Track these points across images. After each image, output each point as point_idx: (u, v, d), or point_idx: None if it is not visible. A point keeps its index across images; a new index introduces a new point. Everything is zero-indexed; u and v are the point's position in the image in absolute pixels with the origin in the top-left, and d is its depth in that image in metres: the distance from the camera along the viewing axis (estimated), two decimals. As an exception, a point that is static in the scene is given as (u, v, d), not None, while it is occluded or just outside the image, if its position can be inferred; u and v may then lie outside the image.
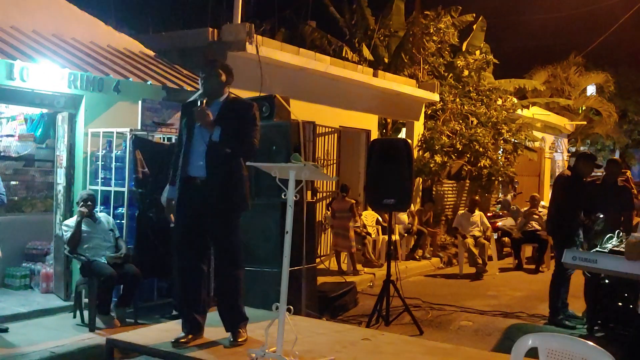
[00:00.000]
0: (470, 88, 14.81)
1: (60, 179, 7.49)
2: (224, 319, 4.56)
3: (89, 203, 6.73)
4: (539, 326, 7.31)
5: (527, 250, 12.25)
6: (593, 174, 7.82)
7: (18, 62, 6.38)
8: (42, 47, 6.84)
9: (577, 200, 7.21)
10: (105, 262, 6.52)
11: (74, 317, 6.62)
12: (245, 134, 4.45)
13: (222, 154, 4.36)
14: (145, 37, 9.34)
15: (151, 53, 8.49)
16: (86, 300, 6.57)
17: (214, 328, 4.59)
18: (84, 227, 6.65)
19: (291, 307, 3.92)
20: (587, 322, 6.81)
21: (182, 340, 4.38)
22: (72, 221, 6.75)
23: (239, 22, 9.44)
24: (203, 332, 4.54)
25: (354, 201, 10.26)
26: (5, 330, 6.08)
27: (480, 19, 16.54)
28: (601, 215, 7.38)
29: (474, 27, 16.54)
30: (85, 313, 6.48)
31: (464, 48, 16.26)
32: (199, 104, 4.44)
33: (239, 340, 4.40)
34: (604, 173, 7.99)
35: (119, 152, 7.24)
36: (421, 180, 13.27)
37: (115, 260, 6.56)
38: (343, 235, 9.96)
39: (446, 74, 15.11)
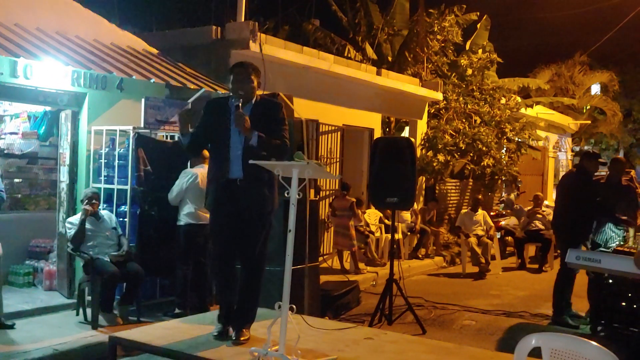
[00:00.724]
0: (474, 87, 14.79)
1: (64, 176, 7.50)
2: (236, 317, 4.59)
3: (94, 201, 6.73)
4: (542, 326, 7.30)
5: (530, 250, 12.22)
6: (597, 173, 7.80)
7: (21, 59, 6.38)
8: (46, 45, 6.84)
9: (585, 198, 7.18)
10: (108, 260, 6.52)
11: (77, 314, 6.62)
12: (278, 135, 4.52)
13: (257, 156, 4.38)
14: (148, 35, 9.35)
15: (155, 51, 8.49)
16: (89, 298, 6.57)
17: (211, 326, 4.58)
18: (87, 225, 6.65)
19: (294, 306, 3.91)
20: (590, 322, 6.79)
21: (224, 332, 4.49)
22: (75, 219, 6.75)
23: (243, 20, 9.43)
24: None
25: (354, 199, 10.25)
26: (12, 327, 6.09)
27: (485, 17, 16.52)
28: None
29: (478, 26, 16.52)
30: (88, 311, 6.48)
31: (467, 47, 16.23)
32: (233, 107, 4.45)
33: (241, 339, 4.41)
34: (608, 172, 7.97)
35: (121, 150, 7.24)
36: (424, 179, 13.25)
37: (118, 258, 6.56)
38: (344, 234, 9.95)
39: (449, 73, 15.09)
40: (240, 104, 4.40)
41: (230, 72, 4.60)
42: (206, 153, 7.17)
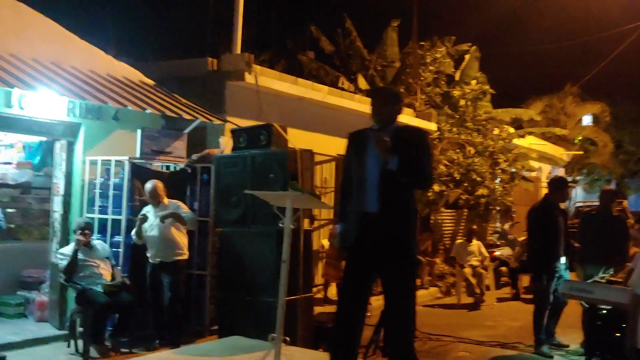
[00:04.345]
0: (467, 118, 14.89)
1: (57, 206, 7.48)
2: None
3: (87, 231, 6.70)
4: (529, 355, 7.28)
5: (525, 280, 12.15)
6: (589, 203, 7.83)
7: (16, 89, 6.40)
8: (41, 75, 6.87)
9: (547, 230, 7.21)
10: (101, 290, 6.48)
11: (68, 346, 6.55)
12: (422, 164, 4.19)
13: (397, 185, 4.08)
14: (144, 65, 9.40)
15: (150, 82, 8.53)
16: (80, 329, 6.51)
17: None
18: (79, 256, 6.61)
19: (287, 338, 3.88)
20: (585, 353, 6.76)
21: None
22: (67, 249, 6.72)
23: (238, 52, 9.51)
24: None
25: None
26: (3, 359, 6.01)
27: (474, 48, 16.66)
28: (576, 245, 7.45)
29: (466, 57, 16.67)
30: (80, 342, 6.41)
31: (457, 77, 16.37)
32: (371, 133, 4.21)
33: None
34: (599, 203, 7.99)
35: (117, 180, 7.24)
36: (419, 209, 13.25)
37: (111, 289, 6.51)
38: (334, 265, 9.83)
39: (442, 104, 15.20)
40: (378, 128, 4.20)
41: (369, 97, 4.54)
42: (160, 189, 6.92)
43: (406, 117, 12.87)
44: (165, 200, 6.92)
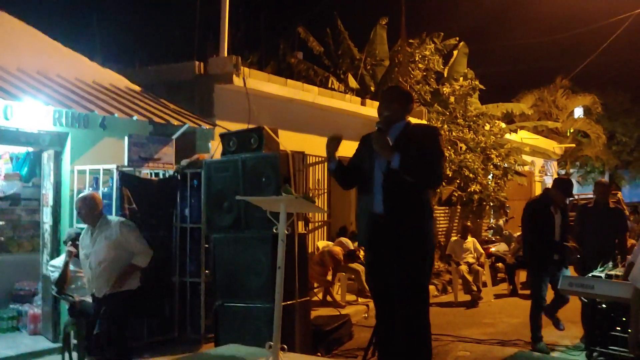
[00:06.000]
0: (457, 114, 14.85)
1: (47, 217, 7.38)
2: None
3: (77, 242, 6.58)
4: (529, 353, 7.23)
5: (522, 276, 12.13)
6: (584, 196, 7.79)
7: (1, 100, 6.30)
8: (27, 85, 6.77)
9: (543, 226, 7.15)
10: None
11: (63, 359, 6.45)
12: (430, 162, 4.07)
13: (402, 183, 4.00)
14: (131, 71, 9.31)
15: (137, 88, 8.44)
16: (75, 341, 6.41)
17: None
18: (71, 267, 6.50)
19: (285, 346, 3.79)
20: (585, 348, 6.71)
21: None
22: (58, 261, 6.61)
23: (226, 54, 9.43)
24: None
25: (342, 255, 9.79)
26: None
27: (462, 44, 16.61)
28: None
29: (454, 52, 16.62)
30: (74, 355, 6.32)
31: (445, 74, 16.31)
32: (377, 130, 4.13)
33: None
34: (594, 196, 7.95)
35: (105, 189, 7.14)
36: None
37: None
38: (315, 270, 9.70)
39: (432, 102, 15.15)
40: (382, 127, 4.12)
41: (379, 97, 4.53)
42: (99, 203, 5.87)
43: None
44: (104, 218, 5.84)
